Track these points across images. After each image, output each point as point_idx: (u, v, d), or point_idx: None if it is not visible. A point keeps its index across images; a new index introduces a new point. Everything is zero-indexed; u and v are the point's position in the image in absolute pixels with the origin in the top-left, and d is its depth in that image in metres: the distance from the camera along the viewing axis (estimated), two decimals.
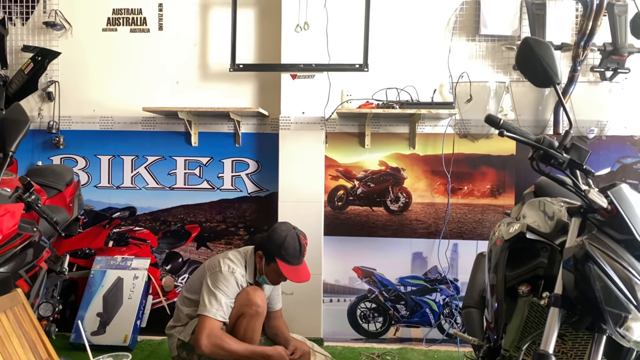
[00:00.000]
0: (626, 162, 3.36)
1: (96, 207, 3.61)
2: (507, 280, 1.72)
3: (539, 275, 1.68)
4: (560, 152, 1.56)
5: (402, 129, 3.47)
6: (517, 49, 1.63)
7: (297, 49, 3.38)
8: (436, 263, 3.43)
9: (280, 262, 2.49)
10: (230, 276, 2.48)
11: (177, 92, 3.57)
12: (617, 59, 3.19)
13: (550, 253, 1.67)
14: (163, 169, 3.60)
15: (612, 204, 1.46)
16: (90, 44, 3.60)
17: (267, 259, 2.54)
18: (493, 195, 3.43)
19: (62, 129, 3.61)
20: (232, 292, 2.48)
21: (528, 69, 1.60)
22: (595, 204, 1.47)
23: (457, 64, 3.41)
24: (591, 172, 1.57)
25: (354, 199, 3.50)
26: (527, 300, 1.66)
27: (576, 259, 1.45)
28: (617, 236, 1.45)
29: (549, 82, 1.57)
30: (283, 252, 2.49)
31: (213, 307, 2.40)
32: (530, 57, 1.56)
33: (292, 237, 2.52)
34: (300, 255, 2.52)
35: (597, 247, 1.43)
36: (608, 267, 1.39)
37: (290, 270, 2.49)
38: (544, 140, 1.58)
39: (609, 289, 1.37)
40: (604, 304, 1.38)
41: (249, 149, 3.56)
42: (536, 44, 1.57)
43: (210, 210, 3.59)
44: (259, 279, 2.59)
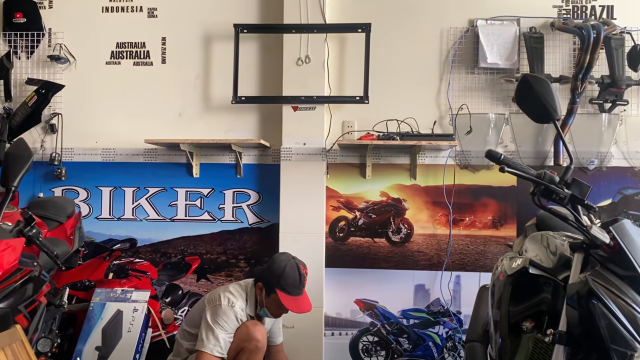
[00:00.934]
0: (627, 193, 3.36)
1: (97, 238, 3.60)
2: (511, 316, 1.71)
3: (542, 310, 1.67)
4: (561, 187, 1.57)
5: (403, 160, 3.48)
6: (516, 86, 1.65)
7: (298, 81, 3.41)
8: (439, 295, 3.40)
9: (280, 293, 2.47)
10: (229, 310, 2.46)
11: (179, 124, 3.60)
12: (615, 91, 3.22)
13: (553, 288, 1.66)
14: (164, 200, 3.60)
15: (614, 240, 1.46)
16: (93, 76, 3.65)
17: (267, 290, 2.52)
18: (495, 226, 3.42)
19: (65, 160, 3.63)
20: (231, 327, 2.45)
21: (527, 106, 1.62)
22: (598, 239, 1.46)
23: (457, 96, 3.44)
24: (593, 207, 1.57)
25: (356, 230, 3.49)
26: (531, 337, 1.64)
27: (580, 296, 1.44)
28: (620, 272, 1.45)
29: (548, 118, 1.59)
30: (283, 282, 2.47)
31: (210, 343, 2.38)
32: (529, 93, 1.58)
33: (292, 267, 2.51)
34: (301, 285, 2.51)
35: (601, 284, 1.42)
36: (612, 304, 1.38)
37: (290, 301, 2.48)
38: (545, 176, 1.59)
39: (614, 326, 1.36)
40: (609, 342, 1.36)
41: (250, 180, 3.57)
42: (535, 80, 1.59)
43: (210, 241, 3.57)
44: (260, 312, 2.56)
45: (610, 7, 3.40)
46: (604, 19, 3.34)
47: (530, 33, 3.35)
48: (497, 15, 3.42)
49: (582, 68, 3.14)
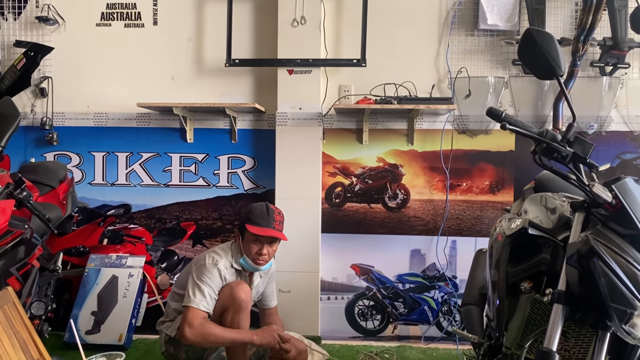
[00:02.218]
0: (626, 158, 3.33)
1: (90, 204, 3.56)
2: (509, 277, 1.69)
3: (541, 271, 1.65)
4: (563, 145, 1.53)
5: (401, 125, 3.43)
6: (519, 40, 1.59)
7: (293, 43, 3.33)
8: (434, 260, 3.39)
9: (249, 226, 2.51)
10: (213, 268, 2.50)
11: (172, 88, 3.52)
12: (617, 53, 3.16)
13: (552, 249, 1.63)
14: (158, 165, 3.55)
15: (616, 198, 1.43)
16: (83, 39, 3.55)
17: (242, 233, 2.58)
18: (492, 191, 3.40)
19: (56, 125, 3.56)
20: (216, 284, 2.49)
21: (530, 61, 1.57)
22: (600, 198, 1.43)
23: (456, 59, 3.37)
24: (595, 165, 1.54)
25: (352, 196, 3.46)
26: (529, 297, 1.63)
27: (580, 255, 1.41)
28: (622, 231, 1.42)
29: (552, 74, 1.54)
30: (251, 216, 2.54)
31: (196, 298, 2.41)
32: (533, 48, 1.53)
33: (260, 204, 2.60)
34: (270, 218, 2.54)
35: (602, 243, 1.40)
36: (613, 262, 1.36)
37: (259, 230, 2.51)
38: (547, 134, 1.55)
39: (614, 285, 1.34)
40: (609, 301, 1.34)
41: (245, 145, 3.52)
42: (539, 35, 1.53)
43: (206, 207, 3.54)
44: (240, 261, 2.57)
45: None
46: None
47: None
48: None
49: (583, 30, 3.06)
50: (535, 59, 1.53)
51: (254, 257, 2.54)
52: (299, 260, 3.34)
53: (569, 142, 1.55)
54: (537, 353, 1.40)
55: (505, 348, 1.71)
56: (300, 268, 3.34)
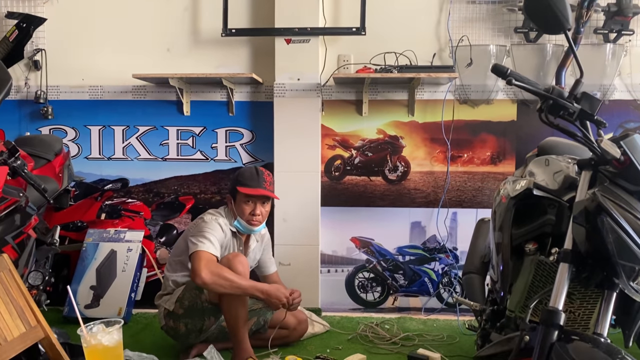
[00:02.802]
0: (629, 127, 3.29)
1: (87, 178, 3.52)
2: (514, 239, 1.66)
3: (546, 233, 1.62)
4: (570, 102, 1.48)
5: (401, 96, 3.38)
6: None
7: (291, 12, 3.26)
8: (435, 232, 3.37)
9: (240, 188, 2.53)
10: (213, 222, 2.51)
11: (168, 59, 3.46)
12: (622, 20, 3.10)
13: (558, 210, 1.60)
14: (155, 139, 3.50)
15: (625, 155, 1.39)
16: (76, 10, 3.47)
17: (233, 196, 2.59)
18: (493, 162, 3.36)
19: (50, 99, 3.50)
20: (219, 235, 2.49)
21: (536, 14, 1.51)
22: (608, 154, 1.40)
23: (457, 28, 3.30)
24: (602, 122, 1.50)
25: (352, 169, 3.42)
26: (534, 259, 1.60)
27: (587, 212, 1.38)
28: (630, 187, 1.39)
29: (559, 28, 1.48)
30: (240, 179, 2.56)
31: (204, 244, 2.41)
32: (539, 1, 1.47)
33: (248, 167, 2.67)
34: (259, 179, 2.55)
35: (610, 199, 1.36)
36: (621, 218, 1.32)
37: (250, 190, 2.52)
38: (554, 90, 1.50)
39: (622, 241, 1.31)
40: (617, 257, 1.32)
41: (243, 118, 3.47)
42: None
43: (204, 181, 3.50)
44: (235, 223, 2.56)
45: None
46: None
47: None
48: None
49: None
50: (542, 12, 1.48)
51: (248, 218, 2.54)
52: (298, 234, 3.31)
53: (576, 99, 1.50)
54: (543, 312, 1.38)
55: (508, 311, 1.69)
56: (300, 241, 3.32)
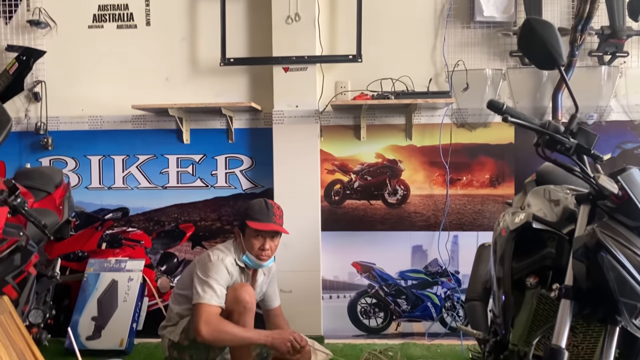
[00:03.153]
0: (627, 148, 3.30)
1: (88, 208, 3.53)
2: (514, 272, 1.66)
3: (546, 266, 1.62)
4: (567, 137, 1.49)
5: (399, 120, 3.40)
6: (519, 30, 1.56)
7: (288, 41, 3.29)
8: (436, 256, 3.37)
9: (250, 222, 2.49)
10: (220, 264, 2.47)
11: (167, 89, 3.48)
12: (616, 42, 3.13)
13: (558, 243, 1.60)
14: (155, 167, 3.52)
15: (623, 190, 1.40)
16: (76, 41, 3.51)
17: (242, 230, 2.56)
18: (492, 185, 3.37)
19: (50, 129, 3.52)
20: (224, 279, 2.46)
21: (531, 51, 1.53)
22: (606, 190, 1.40)
23: (453, 52, 3.33)
24: (599, 157, 1.51)
25: (351, 193, 3.43)
26: (535, 293, 1.60)
27: (587, 248, 1.38)
28: (629, 223, 1.39)
29: (553, 64, 1.50)
30: (250, 212, 2.52)
31: (207, 294, 2.37)
32: (533, 38, 1.49)
33: (258, 200, 2.59)
34: (269, 213, 2.52)
35: (609, 235, 1.36)
36: (621, 255, 1.33)
37: (260, 225, 2.48)
38: (550, 125, 1.52)
39: (623, 278, 1.31)
40: (618, 295, 1.31)
41: (242, 145, 3.48)
42: (539, 24, 1.50)
43: (204, 208, 3.51)
44: (243, 258, 2.54)
45: None
46: None
47: None
48: None
49: (581, 19, 3.03)
50: (536, 48, 1.50)
51: (257, 253, 2.52)
52: (299, 260, 3.31)
53: (572, 133, 1.51)
54: (546, 350, 1.37)
55: (511, 345, 1.68)
56: (301, 267, 3.31)
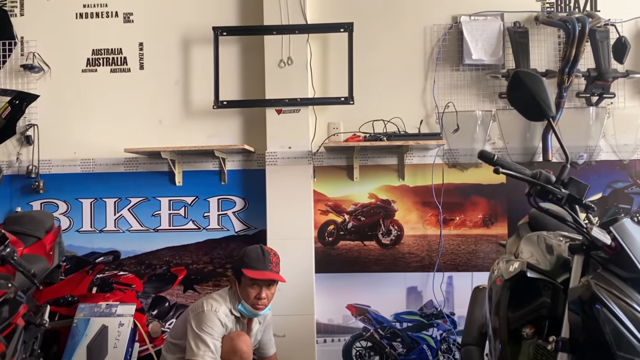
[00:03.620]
0: (617, 187, 3.33)
1: (78, 252, 3.49)
2: (510, 322, 1.64)
3: (542, 315, 1.61)
4: (558, 187, 1.51)
5: (391, 161, 3.42)
6: (508, 83, 1.59)
7: (281, 83, 3.33)
8: (431, 297, 3.34)
9: (246, 270, 2.46)
10: (213, 315, 2.43)
11: (160, 131, 3.50)
12: (602, 84, 3.19)
13: (553, 292, 1.60)
14: (147, 210, 3.50)
15: (615, 241, 1.40)
16: (69, 85, 3.53)
17: (238, 278, 2.51)
18: (485, 225, 3.37)
19: (42, 173, 3.51)
20: (218, 332, 2.42)
21: (520, 103, 1.56)
22: (599, 241, 1.40)
23: (443, 94, 3.38)
24: (591, 207, 1.52)
25: (345, 234, 3.41)
26: (532, 343, 1.58)
27: (582, 301, 1.38)
28: (623, 274, 1.39)
29: (542, 116, 1.53)
30: (246, 260, 2.49)
31: (200, 350, 2.33)
32: (522, 90, 1.52)
33: (254, 247, 2.56)
34: (266, 260, 2.49)
35: (604, 288, 1.36)
36: (617, 308, 1.32)
37: (256, 274, 2.45)
38: (541, 176, 1.53)
39: (619, 332, 1.30)
40: (616, 349, 1.30)
41: (235, 186, 3.48)
42: (527, 77, 1.53)
43: (196, 251, 3.48)
44: (239, 307, 2.50)
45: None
46: (588, 11, 3.31)
47: (515, 28, 3.30)
48: (481, 10, 3.37)
49: (568, 62, 3.10)
50: (525, 101, 1.53)
51: (253, 302, 2.48)
52: (293, 303, 3.26)
53: (564, 184, 1.53)
54: None
55: None
56: (294, 311, 3.27)
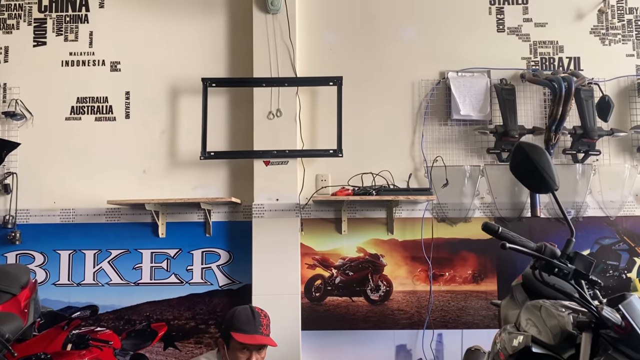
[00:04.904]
0: (605, 243, 3.33)
1: (54, 306, 3.31)
2: None
3: None
4: (564, 262, 1.47)
5: (380, 214, 3.38)
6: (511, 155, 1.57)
7: (270, 135, 3.31)
8: (421, 355, 3.25)
9: (235, 334, 2.33)
10: None
11: (144, 181, 3.42)
12: (588, 142, 3.23)
13: None
14: (128, 263, 3.38)
15: (625, 320, 1.36)
16: (52, 133, 3.45)
17: (226, 342, 2.39)
18: (475, 280, 3.33)
19: (19, 222, 3.38)
20: None
21: (524, 176, 1.54)
22: (609, 321, 1.37)
23: (431, 148, 3.39)
24: (598, 282, 1.49)
25: (333, 289, 3.33)
26: None
27: None
28: (634, 355, 1.35)
29: (547, 189, 1.51)
30: (235, 322, 2.36)
31: None
32: (526, 163, 1.51)
33: (244, 308, 2.44)
34: (256, 322, 2.37)
35: None
36: None
37: (246, 337, 2.32)
38: (546, 250, 1.50)
39: None
40: None
41: (220, 238, 3.39)
42: (531, 149, 1.51)
43: (178, 306, 3.35)
44: None
45: (577, 58, 3.46)
46: (572, 70, 3.38)
47: (502, 85, 3.35)
48: (467, 67, 3.42)
49: (555, 120, 3.14)
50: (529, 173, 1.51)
51: None
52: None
53: (569, 258, 1.49)
54: None
55: None
56: None
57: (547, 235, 3.30)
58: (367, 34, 3.48)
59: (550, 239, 3.26)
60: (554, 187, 1.50)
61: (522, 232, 3.25)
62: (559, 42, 3.46)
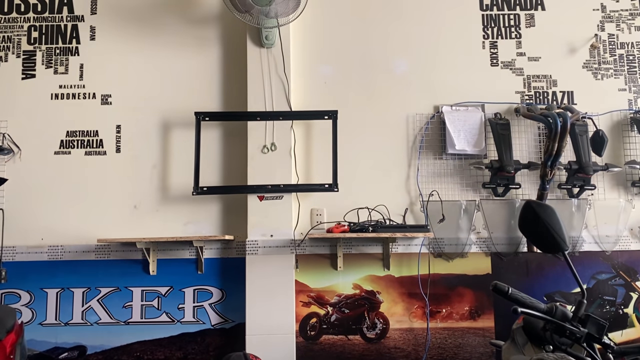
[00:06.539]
0: (601, 278, 3.31)
1: (40, 347, 3.22)
2: None
3: None
4: (576, 325, 1.44)
5: (376, 249, 3.33)
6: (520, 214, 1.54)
7: (264, 169, 3.26)
8: None
9: None
10: None
11: (135, 217, 3.34)
12: (583, 176, 3.23)
13: None
14: (118, 301, 3.28)
15: None
16: (40, 168, 3.37)
17: None
18: (472, 317, 3.28)
19: (5, 260, 3.27)
20: None
21: (533, 235, 1.51)
22: None
23: (426, 182, 3.36)
24: (610, 345, 1.45)
25: (328, 327, 3.27)
26: None
27: None
28: None
29: (557, 249, 1.48)
30: None
31: None
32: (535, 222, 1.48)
33: (237, 355, 2.41)
34: None
35: None
36: None
37: None
38: (556, 312, 1.46)
39: None
40: None
41: (212, 276, 3.32)
42: (540, 208, 1.49)
43: (169, 346, 3.26)
44: None
45: (570, 92, 3.47)
46: (566, 105, 3.39)
47: (496, 119, 3.35)
48: (461, 101, 3.42)
49: (550, 156, 3.14)
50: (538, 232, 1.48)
51: None
52: None
53: (581, 320, 1.46)
54: None
55: None
56: None
57: (543, 270, 3.28)
58: (361, 68, 3.47)
59: (546, 274, 3.27)
60: (565, 248, 1.47)
61: (519, 267, 3.27)
62: (552, 76, 3.47)
